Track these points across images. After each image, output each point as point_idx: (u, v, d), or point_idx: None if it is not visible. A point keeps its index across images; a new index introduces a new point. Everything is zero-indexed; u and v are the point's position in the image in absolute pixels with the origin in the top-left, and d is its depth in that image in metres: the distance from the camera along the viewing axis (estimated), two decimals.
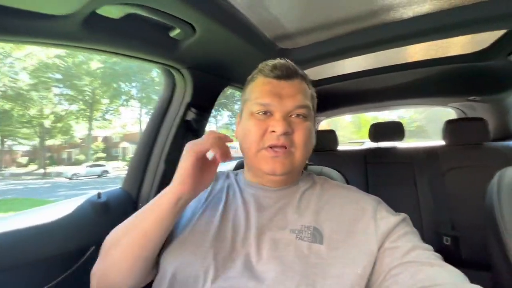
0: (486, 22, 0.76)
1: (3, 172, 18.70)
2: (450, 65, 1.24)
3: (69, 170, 15.91)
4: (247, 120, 0.55)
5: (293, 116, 0.53)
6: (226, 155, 0.49)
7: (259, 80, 0.57)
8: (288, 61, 0.57)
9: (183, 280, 0.46)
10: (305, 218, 0.50)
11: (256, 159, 0.53)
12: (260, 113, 0.53)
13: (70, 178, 14.59)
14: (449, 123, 1.55)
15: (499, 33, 0.99)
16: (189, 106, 0.95)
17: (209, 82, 1.00)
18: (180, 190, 0.48)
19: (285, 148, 0.51)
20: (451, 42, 1.10)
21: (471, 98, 1.64)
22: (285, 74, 0.55)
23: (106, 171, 16.12)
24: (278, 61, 0.56)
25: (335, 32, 0.91)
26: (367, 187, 1.69)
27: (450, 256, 1.35)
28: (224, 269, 0.45)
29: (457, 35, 0.85)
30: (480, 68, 1.24)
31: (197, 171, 0.49)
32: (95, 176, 15.46)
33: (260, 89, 0.55)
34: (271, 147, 0.51)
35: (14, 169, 20.76)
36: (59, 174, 16.30)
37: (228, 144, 0.51)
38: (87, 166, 16.13)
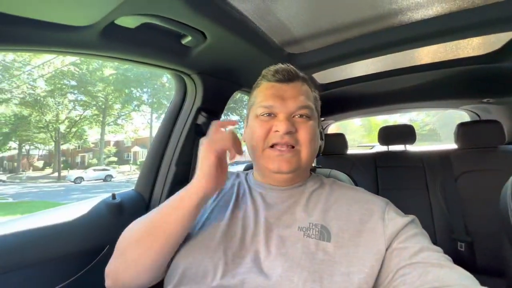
0: (496, 24, 0.76)
1: (20, 175, 19.40)
2: (461, 67, 1.22)
3: (73, 174, 16.19)
4: (253, 122, 0.58)
5: (296, 116, 0.55)
6: (240, 152, 0.51)
7: (263, 85, 0.60)
8: (290, 65, 0.60)
9: (193, 275, 0.47)
10: (313, 217, 0.51)
11: (262, 159, 0.55)
12: (265, 115, 0.56)
13: (74, 182, 14.84)
14: (462, 126, 1.52)
15: (510, 35, 0.98)
16: (199, 111, 0.98)
17: (219, 87, 1.03)
18: (206, 188, 0.48)
19: (291, 147, 0.53)
20: (461, 44, 1.08)
21: (485, 100, 1.60)
22: (286, 78, 0.57)
23: (111, 175, 16.07)
24: (279, 65, 0.59)
25: (343, 36, 0.92)
26: (377, 191, 1.67)
27: (465, 262, 1.31)
28: (233, 265, 0.46)
29: (467, 37, 0.84)
30: (493, 69, 1.22)
31: (218, 170, 0.50)
32: (100, 180, 15.53)
33: (263, 93, 0.58)
34: (275, 145, 0.53)
35: (30, 173, 21.52)
36: (64, 178, 16.63)
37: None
38: (94, 170, 16.29)
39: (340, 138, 1.94)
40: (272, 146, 0.54)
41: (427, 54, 1.20)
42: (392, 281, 0.41)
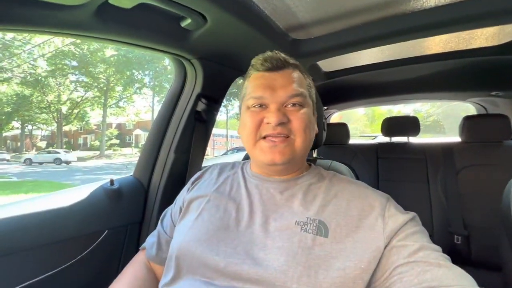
0: None
1: (24, 155, 19.62)
2: (473, 58, 1.17)
3: (24, 156, 16.15)
4: (244, 114, 0.56)
5: (288, 106, 0.54)
6: None
7: (252, 75, 0.58)
8: (278, 52, 0.57)
9: (188, 267, 0.48)
10: (311, 211, 0.50)
11: (255, 151, 0.54)
12: (256, 106, 0.54)
13: (24, 163, 14.90)
14: (467, 119, 1.49)
15: None
16: (199, 97, 0.95)
17: (220, 72, 0.99)
18: None
19: (286, 137, 0.52)
20: (475, 34, 1.03)
21: (493, 93, 1.55)
22: (275, 66, 0.55)
23: (59, 159, 15.10)
24: (268, 53, 0.57)
25: (351, 22, 0.87)
26: (377, 182, 1.67)
27: (461, 255, 1.33)
28: (227, 256, 0.46)
29: (482, 27, 0.80)
30: (506, 61, 1.17)
31: None
32: (51, 162, 14.98)
33: (253, 83, 0.56)
34: (267, 136, 0.52)
35: (33, 153, 21.76)
36: (18, 158, 16.69)
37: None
38: (48, 152, 15.94)
39: (342, 128, 1.92)
40: (264, 137, 0.53)
41: (438, 44, 1.14)
42: (389, 278, 0.41)
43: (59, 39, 14.15)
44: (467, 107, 2.09)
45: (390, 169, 1.67)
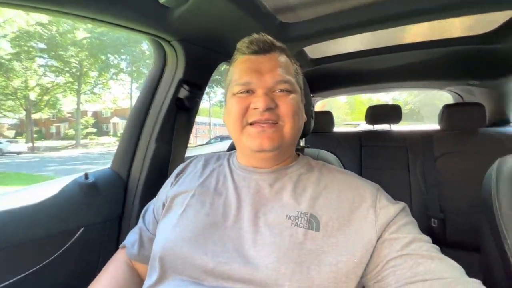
0: (498, 2, 0.71)
1: None
2: (454, 47, 1.19)
3: None
4: (230, 101, 0.54)
5: (276, 91, 0.51)
6: None
7: (238, 59, 0.56)
8: (265, 35, 0.54)
9: (174, 267, 0.45)
10: (301, 205, 0.48)
11: (242, 137, 0.52)
12: (243, 92, 0.52)
13: None
14: (447, 108, 1.53)
15: (509, 14, 0.94)
16: (181, 83, 0.89)
17: (203, 56, 0.93)
18: None
19: (274, 123, 0.50)
20: (457, 23, 1.04)
21: (471, 82, 1.61)
22: (262, 48, 0.53)
23: (0, 149, 13.47)
24: (254, 36, 0.54)
25: (340, 6, 0.84)
26: (360, 170, 1.70)
27: (437, 236, 1.41)
28: (216, 256, 0.44)
29: (465, 15, 0.80)
30: (485, 51, 1.20)
31: None
32: None
33: (239, 68, 0.54)
34: (255, 122, 0.50)
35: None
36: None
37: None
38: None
39: (327, 116, 1.92)
40: (251, 124, 0.50)
41: (420, 32, 1.15)
42: (381, 271, 0.41)
43: (22, 19, 12.90)
44: (441, 95, 2.16)
45: (373, 157, 1.71)
